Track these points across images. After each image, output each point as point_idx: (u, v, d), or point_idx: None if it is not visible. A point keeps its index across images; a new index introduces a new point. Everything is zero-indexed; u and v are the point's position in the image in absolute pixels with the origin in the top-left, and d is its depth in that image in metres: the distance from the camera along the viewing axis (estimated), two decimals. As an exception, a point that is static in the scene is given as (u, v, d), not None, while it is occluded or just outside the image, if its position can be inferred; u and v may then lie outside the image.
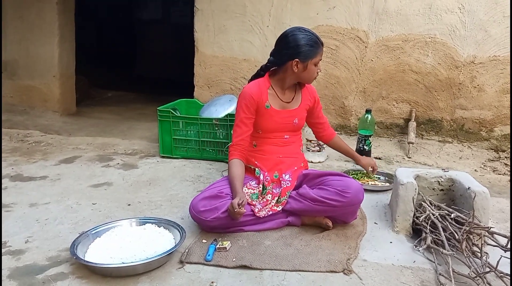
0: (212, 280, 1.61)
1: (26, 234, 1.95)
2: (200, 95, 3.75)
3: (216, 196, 1.93)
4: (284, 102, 2.14)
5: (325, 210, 1.94)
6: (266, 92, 2.10)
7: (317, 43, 2.01)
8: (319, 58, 2.04)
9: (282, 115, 2.13)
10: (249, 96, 2.07)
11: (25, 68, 4.16)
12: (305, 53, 1.99)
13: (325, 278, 1.63)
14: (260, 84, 2.12)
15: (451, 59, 3.22)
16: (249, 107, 2.07)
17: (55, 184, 2.58)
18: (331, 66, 3.47)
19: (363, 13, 3.33)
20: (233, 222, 1.90)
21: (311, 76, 2.09)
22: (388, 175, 2.73)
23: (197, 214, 1.90)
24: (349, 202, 1.91)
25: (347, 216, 2.01)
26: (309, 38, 1.99)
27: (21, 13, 4.04)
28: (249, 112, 2.08)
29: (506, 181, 2.82)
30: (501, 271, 1.55)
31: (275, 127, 2.14)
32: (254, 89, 2.09)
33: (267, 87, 2.11)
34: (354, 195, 1.90)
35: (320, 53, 2.04)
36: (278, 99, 2.13)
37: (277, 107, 2.12)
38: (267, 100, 2.10)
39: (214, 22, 3.63)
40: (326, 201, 1.90)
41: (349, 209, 1.95)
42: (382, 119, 3.46)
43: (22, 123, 3.90)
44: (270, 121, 2.11)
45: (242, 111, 2.08)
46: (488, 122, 3.22)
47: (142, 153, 3.21)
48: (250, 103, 2.07)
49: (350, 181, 1.95)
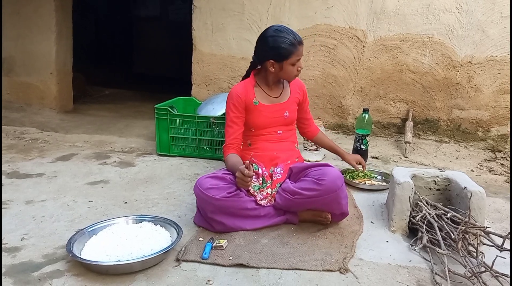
0: (208, 278, 1.61)
1: (22, 232, 1.94)
2: (198, 93, 3.75)
3: (222, 178, 1.96)
4: (272, 97, 2.18)
5: (305, 202, 1.93)
6: (253, 90, 2.15)
7: (292, 44, 2.00)
8: (295, 58, 2.03)
9: (271, 109, 2.15)
10: (235, 95, 2.12)
11: (22, 64, 4.14)
12: (280, 54, 2.01)
13: (321, 277, 1.64)
14: (245, 83, 2.17)
15: (448, 59, 3.22)
16: (237, 106, 2.11)
17: (51, 181, 2.57)
18: (329, 65, 3.47)
19: (361, 13, 3.33)
20: (238, 205, 1.90)
21: (289, 75, 2.11)
22: (384, 175, 2.73)
23: (204, 191, 1.88)
24: (326, 190, 1.86)
25: (332, 207, 1.94)
26: (283, 40, 1.99)
27: (18, 9, 4.02)
28: (237, 111, 2.12)
29: (502, 181, 2.83)
30: (496, 271, 1.56)
31: (267, 122, 2.16)
32: (239, 88, 2.14)
33: (253, 85, 2.16)
34: (330, 181, 1.86)
35: (296, 53, 2.02)
36: (266, 94, 2.17)
37: (266, 102, 2.16)
38: (255, 97, 2.14)
39: (212, 20, 3.63)
40: (303, 192, 1.89)
41: (329, 198, 1.88)
42: (379, 119, 3.47)
43: (18, 120, 3.89)
44: (261, 117, 2.14)
45: (231, 111, 2.13)
46: (485, 122, 3.23)
47: (139, 151, 3.20)
48: (238, 102, 2.11)
49: (328, 170, 1.92)
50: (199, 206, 1.99)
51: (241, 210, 1.93)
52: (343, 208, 1.98)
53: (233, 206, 1.91)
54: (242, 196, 1.94)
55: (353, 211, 2.20)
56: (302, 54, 2.06)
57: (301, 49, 2.04)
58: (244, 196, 1.95)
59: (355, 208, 2.25)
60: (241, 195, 1.94)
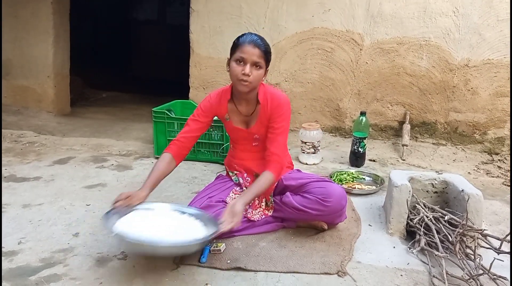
0: (206, 282, 1.61)
1: (19, 235, 1.94)
2: (195, 96, 3.75)
3: (208, 207, 1.91)
4: (244, 115, 2.04)
5: (308, 218, 1.96)
6: (226, 105, 2.02)
7: (242, 41, 1.87)
8: (238, 54, 1.85)
9: (241, 133, 2.07)
10: (208, 103, 2.03)
11: (19, 67, 4.13)
12: (231, 49, 1.91)
13: (320, 280, 1.64)
14: (222, 94, 2.04)
15: (445, 62, 3.24)
16: (205, 111, 2.02)
17: (48, 185, 2.56)
18: (326, 68, 3.48)
19: (358, 16, 3.34)
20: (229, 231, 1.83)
21: (232, 75, 1.90)
22: (374, 176, 2.73)
23: None
24: (331, 210, 1.89)
25: (333, 220, 1.99)
26: (238, 37, 1.92)
27: (16, 12, 4.02)
28: (203, 116, 2.02)
29: (499, 183, 2.84)
30: (494, 273, 1.56)
31: (239, 139, 2.10)
32: (214, 98, 2.03)
33: (227, 99, 2.02)
34: (336, 202, 1.88)
35: (241, 49, 1.85)
36: (238, 112, 2.04)
37: (236, 124, 2.05)
38: (226, 112, 2.05)
39: (210, 23, 3.63)
40: (308, 211, 1.89)
41: (332, 216, 1.94)
42: (376, 122, 3.48)
43: (15, 124, 3.87)
44: (232, 133, 2.10)
45: (198, 111, 2.03)
46: (481, 125, 3.24)
47: (137, 154, 3.20)
48: (207, 108, 2.03)
49: (332, 188, 1.90)
50: None
51: (232, 231, 1.85)
52: (342, 219, 2.02)
53: (223, 233, 1.75)
54: None
55: (351, 214, 2.20)
56: (250, 57, 1.83)
57: (250, 50, 1.83)
58: None
59: (353, 211, 2.25)
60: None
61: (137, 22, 7.50)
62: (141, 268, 1.69)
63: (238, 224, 1.73)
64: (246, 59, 1.85)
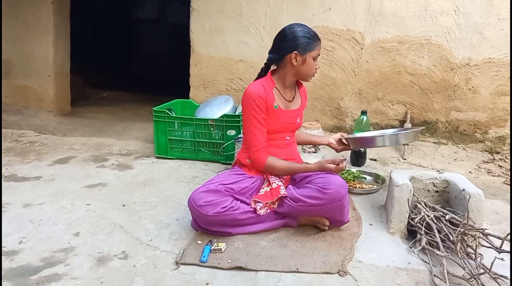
0: (207, 281, 1.61)
1: (20, 235, 1.94)
2: (196, 96, 3.75)
3: (216, 191, 1.91)
4: (287, 101, 2.12)
5: (308, 209, 1.93)
6: (272, 92, 2.05)
7: (314, 36, 2.01)
8: (317, 52, 2.01)
9: (288, 115, 2.11)
10: (257, 95, 2.00)
11: (20, 67, 4.14)
12: (303, 45, 1.97)
13: (320, 279, 1.63)
14: (264, 84, 2.06)
15: (446, 61, 3.23)
16: (260, 106, 2.00)
17: (49, 184, 2.56)
18: (327, 67, 3.47)
19: (359, 15, 3.34)
20: (232, 218, 1.89)
21: (309, 71, 2.04)
22: (375, 175, 2.73)
23: (198, 208, 1.87)
24: (331, 198, 1.87)
25: (334, 214, 1.96)
26: (306, 31, 1.99)
27: (16, 12, 4.02)
28: (261, 112, 2.01)
29: (500, 182, 2.83)
30: (495, 273, 1.56)
31: (281, 128, 2.11)
32: (260, 89, 2.02)
33: (272, 87, 2.06)
34: (335, 190, 1.87)
35: (318, 47, 2.02)
36: (283, 98, 2.10)
37: (283, 107, 2.09)
38: (275, 100, 2.06)
39: (210, 22, 3.63)
40: (307, 200, 1.89)
41: (332, 206, 1.90)
42: (377, 121, 3.47)
43: (16, 123, 3.88)
44: (278, 121, 2.08)
45: (255, 112, 2.00)
46: (482, 124, 3.24)
47: (137, 154, 3.20)
48: (260, 102, 2.00)
49: (332, 178, 1.91)
50: (194, 218, 1.97)
51: (236, 221, 1.91)
52: (344, 216, 1.99)
53: (226, 220, 1.89)
54: (238, 208, 1.91)
55: (352, 213, 2.20)
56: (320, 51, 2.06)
57: (320, 45, 2.04)
58: (240, 207, 1.92)
59: (354, 210, 2.25)
60: (236, 207, 1.91)
61: (137, 21, 7.50)
62: (142, 268, 1.70)
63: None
64: (319, 54, 2.06)
